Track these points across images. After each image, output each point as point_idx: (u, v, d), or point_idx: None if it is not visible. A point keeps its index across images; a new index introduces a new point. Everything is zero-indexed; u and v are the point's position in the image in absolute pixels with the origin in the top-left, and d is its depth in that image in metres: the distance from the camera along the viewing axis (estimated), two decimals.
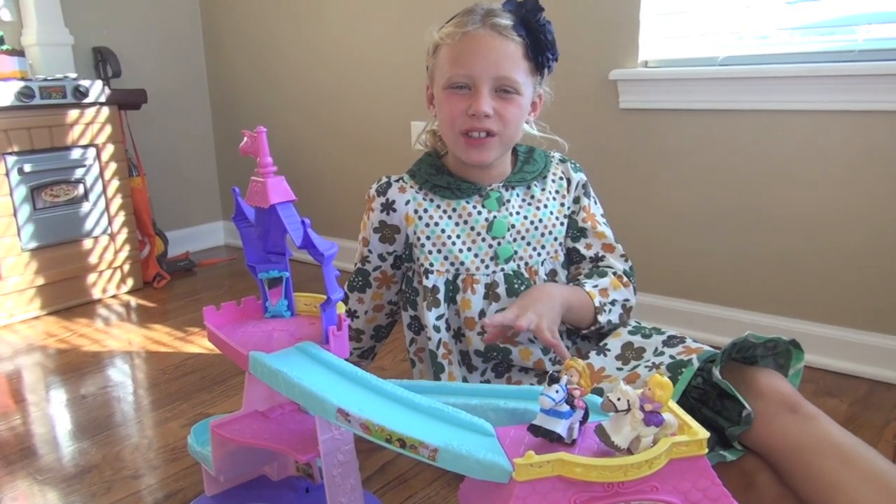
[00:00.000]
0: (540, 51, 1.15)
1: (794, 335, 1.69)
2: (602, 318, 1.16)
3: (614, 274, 1.23)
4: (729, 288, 1.83)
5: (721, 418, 1.04)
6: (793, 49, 1.68)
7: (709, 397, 1.06)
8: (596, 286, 1.16)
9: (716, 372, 1.00)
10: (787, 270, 1.73)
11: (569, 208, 1.26)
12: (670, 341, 1.13)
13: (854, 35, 1.60)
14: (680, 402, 1.00)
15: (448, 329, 1.21)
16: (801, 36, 1.69)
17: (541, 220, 1.22)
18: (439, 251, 1.19)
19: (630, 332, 1.20)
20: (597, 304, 1.13)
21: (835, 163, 1.62)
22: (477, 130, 1.13)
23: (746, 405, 0.98)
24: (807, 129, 1.64)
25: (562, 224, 1.24)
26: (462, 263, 1.18)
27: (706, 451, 0.76)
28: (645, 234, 1.93)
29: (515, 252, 1.21)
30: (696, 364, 1.02)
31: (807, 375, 1.62)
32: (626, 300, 1.21)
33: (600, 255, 1.24)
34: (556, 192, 1.26)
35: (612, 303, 1.18)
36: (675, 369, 1.04)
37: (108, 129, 2.36)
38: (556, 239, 1.24)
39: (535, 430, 0.78)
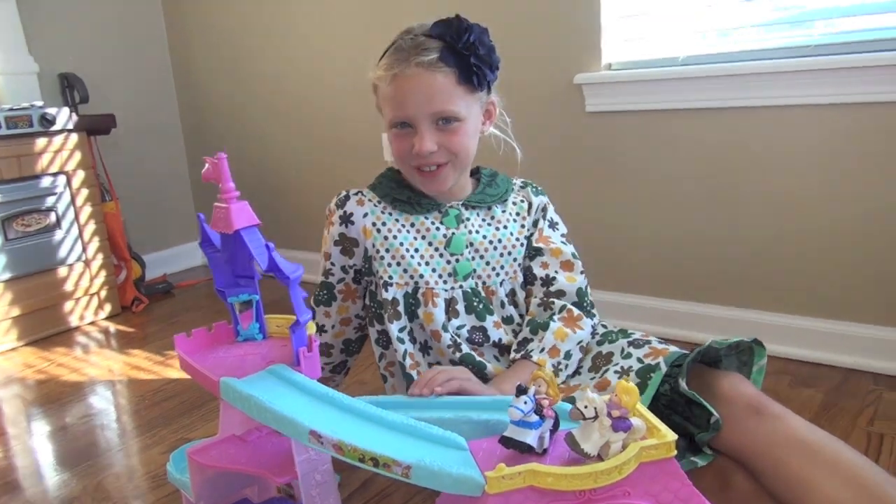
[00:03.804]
0: (471, 74, 1.13)
1: (765, 327, 1.73)
2: (561, 377, 1.15)
3: (562, 310, 1.20)
4: (699, 284, 1.85)
5: (690, 425, 1.05)
6: (752, 46, 1.70)
7: (677, 404, 1.07)
8: (543, 349, 1.14)
9: (682, 384, 1.01)
10: (757, 263, 1.76)
11: (528, 230, 1.27)
12: (635, 342, 1.14)
13: (811, 30, 1.63)
14: (652, 407, 1.02)
15: (413, 342, 1.21)
16: (759, 33, 1.72)
17: (500, 241, 1.23)
18: (398, 264, 1.19)
19: (598, 343, 1.21)
20: (549, 370, 1.13)
21: (798, 157, 1.65)
22: (426, 165, 1.16)
23: (715, 412, 0.99)
24: (769, 125, 1.67)
25: (521, 245, 1.25)
26: (421, 276, 1.19)
27: (675, 452, 0.77)
28: (615, 233, 1.95)
29: (474, 270, 1.21)
30: (663, 368, 1.04)
31: (781, 367, 1.66)
32: (580, 342, 1.19)
33: (552, 276, 1.23)
34: (517, 214, 1.26)
35: (567, 355, 1.16)
36: (643, 374, 1.05)
37: (77, 156, 2.35)
38: (515, 260, 1.24)
39: (506, 441, 0.79)
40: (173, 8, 2.89)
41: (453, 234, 1.21)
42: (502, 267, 1.23)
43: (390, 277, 1.19)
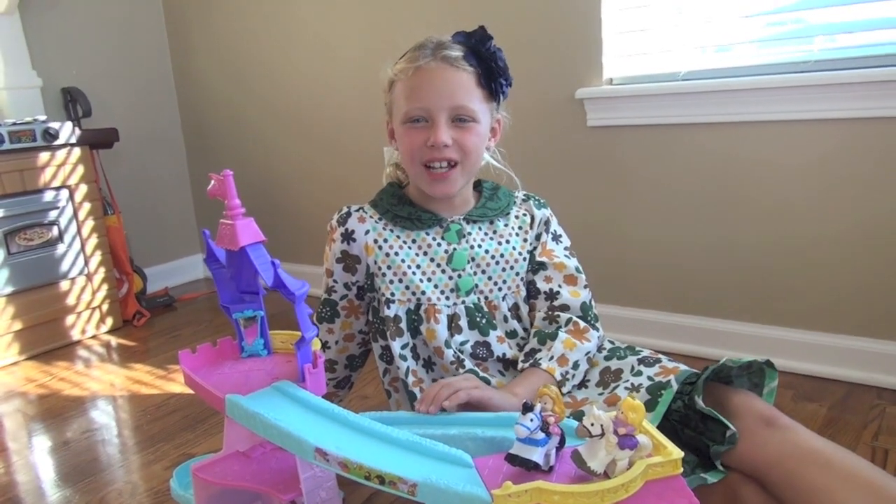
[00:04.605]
0: (492, 77, 1.16)
1: (769, 341, 1.73)
2: (567, 387, 1.15)
3: (567, 322, 1.20)
4: (702, 298, 1.85)
5: (704, 438, 1.05)
6: (752, 62, 1.71)
7: (690, 419, 1.07)
8: (552, 357, 1.15)
9: (699, 401, 1.01)
10: (760, 277, 1.76)
11: (531, 244, 1.27)
12: (645, 360, 1.14)
13: (810, 46, 1.64)
14: (661, 425, 1.02)
15: (416, 358, 1.21)
16: (759, 48, 1.73)
17: (502, 255, 1.23)
18: (400, 281, 1.19)
19: (606, 358, 1.21)
20: (558, 378, 1.14)
21: (800, 171, 1.65)
22: (438, 161, 1.15)
23: (731, 426, 1.00)
24: (770, 139, 1.67)
25: (524, 259, 1.25)
26: (423, 293, 1.19)
27: (681, 470, 0.77)
28: (617, 247, 1.95)
29: (476, 285, 1.21)
30: (674, 386, 1.04)
31: (785, 381, 1.65)
32: (588, 353, 1.19)
33: (556, 290, 1.23)
34: (520, 227, 1.26)
35: (575, 365, 1.16)
36: (654, 391, 1.05)
37: (80, 170, 2.35)
38: (517, 274, 1.24)
39: (512, 459, 0.78)
40: (176, 21, 2.90)
41: (455, 249, 1.21)
42: (504, 281, 1.23)
43: (392, 294, 1.19)
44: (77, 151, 2.34)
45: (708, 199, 1.79)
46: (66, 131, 2.29)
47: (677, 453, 0.76)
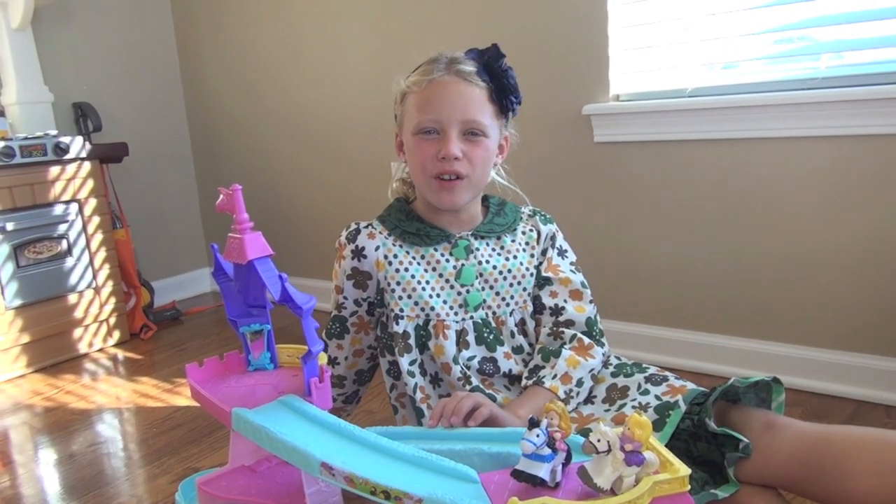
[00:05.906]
0: (504, 94, 1.18)
1: (777, 359, 1.72)
2: (571, 405, 1.15)
3: (572, 339, 1.20)
4: (709, 314, 1.85)
5: (723, 448, 1.04)
6: (759, 78, 1.72)
7: (701, 435, 1.07)
8: (555, 376, 1.15)
9: (711, 424, 1.01)
10: (767, 294, 1.75)
11: (538, 260, 1.27)
12: (652, 378, 1.14)
13: (817, 63, 1.64)
14: (671, 444, 1.02)
15: (424, 374, 1.21)
16: (766, 65, 1.73)
17: (510, 271, 1.23)
18: (409, 296, 1.20)
19: (612, 375, 1.20)
20: (562, 396, 1.14)
21: (807, 188, 1.65)
22: (447, 173, 1.16)
23: (744, 438, 0.99)
24: (777, 155, 1.67)
25: (531, 275, 1.25)
26: (432, 309, 1.19)
27: (688, 487, 0.76)
28: (624, 263, 1.95)
29: (484, 300, 1.21)
30: (682, 407, 1.04)
31: (794, 399, 1.64)
32: (592, 370, 1.19)
33: (561, 306, 1.24)
34: (527, 243, 1.27)
35: (579, 383, 1.16)
36: (662, 411, 1.05)
37: (89, 184, 2.37)
38: (524, 289, 1.24)
39: (518, 474, 0.78)
40: (185, 37, 2.93)
41: (463, 265, 1.21)
42: (512, 297, 1.23)
43: (401, 310, 1.20)
44: (87, 166, 2.36)
45: (714, 215, 1.79)
46: (77, 146, 2.31)
47: (684, 470, 0.76)
